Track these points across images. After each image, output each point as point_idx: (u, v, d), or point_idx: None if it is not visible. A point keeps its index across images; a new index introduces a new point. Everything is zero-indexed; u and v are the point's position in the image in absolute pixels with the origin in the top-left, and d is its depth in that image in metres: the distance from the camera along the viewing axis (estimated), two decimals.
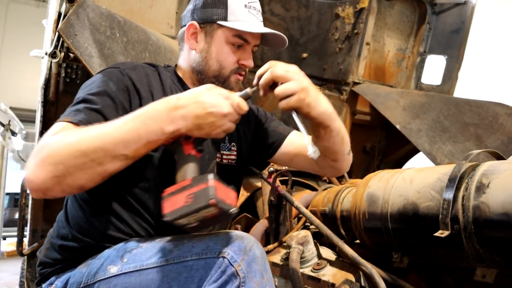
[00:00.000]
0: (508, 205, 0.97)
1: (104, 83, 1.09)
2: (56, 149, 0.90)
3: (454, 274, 1.29)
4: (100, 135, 0.92)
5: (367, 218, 1.36)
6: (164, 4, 2.27)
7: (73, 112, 1.01)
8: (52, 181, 0.90)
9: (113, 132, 0.92)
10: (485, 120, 2.55)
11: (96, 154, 0.91)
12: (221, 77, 1.23)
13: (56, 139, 0.93)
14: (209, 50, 1.22)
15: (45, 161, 0.90)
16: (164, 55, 1.86)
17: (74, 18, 1.46)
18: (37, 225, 2.31)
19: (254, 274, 0.92)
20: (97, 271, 1.02)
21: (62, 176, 0.90)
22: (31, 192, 0.93)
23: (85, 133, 0.93)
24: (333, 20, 2.83)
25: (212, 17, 1.21)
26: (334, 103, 2.89)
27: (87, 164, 0.91)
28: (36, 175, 0.90)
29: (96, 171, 0.92)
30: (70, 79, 1.97)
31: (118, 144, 0.92)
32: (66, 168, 0.90)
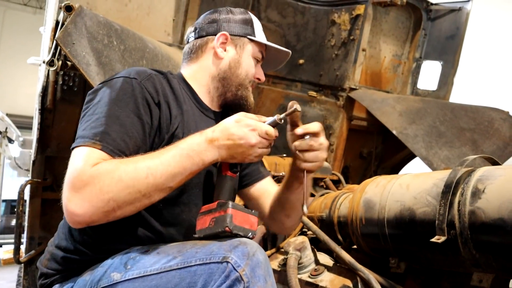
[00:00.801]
0: (503, 210, 0.98)
1: (128, 97, 1.09)
2: (107, 186, 0.93)
3: (451, 279, 1.29)
4: (150, 171, 0.97)
5: (364, 223, 1.37)
6: (161, 12, 2.28)
7: (101, 134, 1.00)
8: (101, 215, 0.94)
9: (162, 168, 0.98)
10: (480, 125, 2.57)
11: (147, 190, 0.97)
12: (244, 85, 1.32)
13: (103, 173, 0.94)
14: (240, 60, 1.31)
15: (96, 197, 0.92)
16: (161, 63, 1.87)
17: (71, 27, 1.47)
18: (34, 232, 2.30)
19: (258, 279, 0.92)
20: (101, 278, 1.03)
21: (112, 211, 0.94)
22: (72, 223, 0.95)
23: (134, 168, 0.96)
24: (329, 27, 2.85)
25: (243, 31, 1.32)
26: (331, 109, 2.93)
27: (138, 199, 0.96)
28: (84, 210, 0.92)
29: (143, 203, 0.98)
30: (68, 87, 1.97)
31: (167, 179, 0.99)
32: (117, 204, 0.94)
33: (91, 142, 0.98)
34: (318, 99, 2.94)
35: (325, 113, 2.95)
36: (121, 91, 1.08)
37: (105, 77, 1.54)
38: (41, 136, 2.11)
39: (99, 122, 1.02)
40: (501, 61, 4.49)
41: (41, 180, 2.27)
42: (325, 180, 2.35)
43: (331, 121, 2.95)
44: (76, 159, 0.97)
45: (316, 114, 2.96)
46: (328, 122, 2.95)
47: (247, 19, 1.34)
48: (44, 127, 2.10)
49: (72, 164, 0.97)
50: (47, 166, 2.29)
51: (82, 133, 1.01)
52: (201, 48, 1.32)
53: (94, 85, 1.48)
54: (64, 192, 0.94)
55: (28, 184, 2.24)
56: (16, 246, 2.31)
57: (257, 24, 1.36)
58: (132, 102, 1.08)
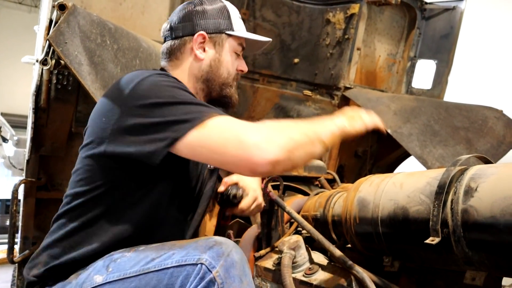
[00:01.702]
0: (495, 208, 0.98)
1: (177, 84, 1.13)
2: (281, 128, 1.03)
3: (444, 277, 1.30)
4: (308, 124, 1.08)
5: (358, 222, 1.37)
6: (155, 10, 2.27)
7: (208, 108, 1.06)
8: (285, 154, 0.98)
9: (313, 124, 1.09)
10: (475, 123, 2.58)
11: (312, 135, 1.05)
12: (227, 84, 1.32)
13: (271, 122, 1.04)
14: (220, 59, 1.30)
15: (278, 136, 1.00)
16: (155, 62, 1.87)
17: (64, 26, 1.46)
18: (28, 232, 2.29)
19: (233, 280, 0.94)
20: (84, 281, 1.05)
21: (292, 149, 1.00)
22: (258, 167, 0.98)
23: (291, 121, 1.08)
24: (324, 26, 2.85)
25: (220, 27, 1.29)
26: (326, 108, 2.93)
27: (307, 142, 1.04)
28: (273, 149, 0.97)
29: (310, 150, 1.05)
30: (62, 86, 1.96)
31: (320, 130, 1.08)
32: (295, 143, 1.00)
33: (206, 117, 1.02)
34: (313, 98, 2.95)
35: (320, 112, 2.95)
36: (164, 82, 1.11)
37: (97, 77, 1.54)
38: (35, 135, 2.10)
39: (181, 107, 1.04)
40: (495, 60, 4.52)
41: (35, 179, 2.26)
42: (320, 179, 2.35)
43: None
44: (222, 126, 1.01)
45: (311, 113, 2.96)
46: None
47: (222, 10, 1.30)
48: (38, 126, 2.09)
49: (225, 130, 1.01)
50: (41, 166, 2.28)
51: (182, 119, 1.02)
52: (180, 50, 1.30)
53: (86, 85, 1.48)
54: (245, 149, 0.97)
55: (22, 184, 2.23)
56: (10, 246, 2.30)
57: (233, 12, 1.32)
58: (182, 86, 1.14)
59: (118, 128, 1.06)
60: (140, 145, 1.04)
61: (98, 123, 1.12)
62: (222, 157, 1.00)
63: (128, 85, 1.09)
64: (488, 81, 4.57)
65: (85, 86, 1.49)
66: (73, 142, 2.29)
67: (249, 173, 1.02)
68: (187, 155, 1.04)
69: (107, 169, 1.12)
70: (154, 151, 1.02)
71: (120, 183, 1.13)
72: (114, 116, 1.07)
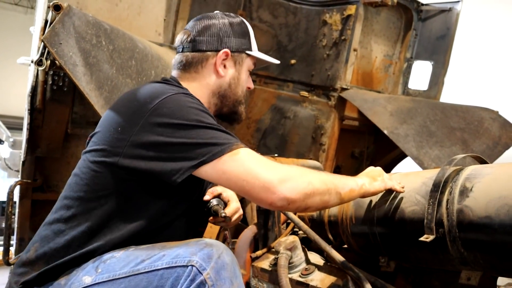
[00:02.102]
0: (490, 208, 0.99)
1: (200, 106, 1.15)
2: (303, 173, 1.09)
3: (440, 277, 1.30)
4: (329, 175, 1.16)
5: (354, 223, 1.37)
6: (152, 11, 2.27)
7: (233, 137, 1.10)
8: (302, 196, 1.05)
9: (334, 176, 1.17)
10: (470, 124, 2.59)
11: (331, 186, 1.11)
12: (240, 101, 1.37)
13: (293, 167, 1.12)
14: (239, 77, 1.34)
15: (300, 181, 1.06)
16: (151, 63, 1.86)
17: (59, 27, 1.45)
18: (24, 233, 2.28)
19: (224, 282, 0.94)
20: (73, 282, 1.04)
21: (309, 194, 1.06)
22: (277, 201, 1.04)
23: (317, 171, 1.15)
24: (321, 27, 2.86)
25: (242, 46, 1.33)
26: (323, 109, 2.94)
27: (324, 191, 1.10)
28: (293, 192, 1.04)
29: (325, 199, 1.11)
30: (57, 87, 1.95)
31: (340, 183, 1.15)
32: (313, 189, 1.07)
33: (234, 145, 1.06)
34: (309, 99, 2.95)
35: (316, 113, 2.96)
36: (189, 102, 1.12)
37: (92, 78, 1.53)
38: (30, 137, 2.09)
39: (208, 131, 1.07)
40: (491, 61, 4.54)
41: (31, 181, 2.25)
42: None
43: (323, 121, 2.95)
44: (251, 158, 1.06)
45: (308, 114, 2.96)
46: (319, 122, 2.95)
47: (244, 31, 1.34)
48: (34, 128, 2.08)
49: (254, 162, 1.06)
50: (37, 167, 2.27)
51: (211, 143, 1.05)
52: (201, 64, 1.30)
53: (81, 86, 1.47)
54: (269, 183, 1.03)
55: (17, 185, 2.22)
56: (6, 248, 2.29)
57: (251, 31, 1.37)
58: (204, 108, 1.15)
59: (137, 142, 1.06)
60: (161, 162, 1.05)
61: (113, 132, 1.10)
62: (246, 188, 1.04)
63: (151, 100, 1.09)
64: (484, 82, 4.59)
65: (80, 87, 1.49)
66: (69, 143, 2.28)
67: (266, 206, 1.09)
68: (212, 178, 1.07)
69: (118, 179, 1.10)
70: (179, 169, 1.04)
71: (128, 195, 1.12)
72: (132, 128, 1.07)
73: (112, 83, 1.61)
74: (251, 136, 2.94)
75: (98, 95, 1.54)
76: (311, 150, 2.99)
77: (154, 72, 1.85)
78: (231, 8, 2.56)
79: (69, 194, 1.15)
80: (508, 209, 0.94)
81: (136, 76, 1.75)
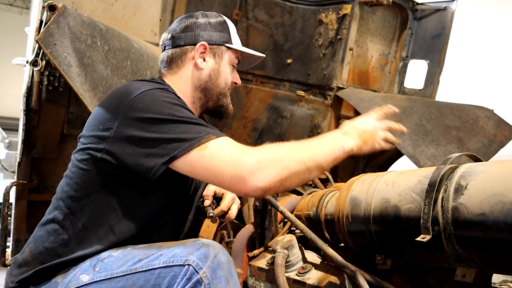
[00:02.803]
0: (485, 205, 0.99)
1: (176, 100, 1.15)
2: (279, 157, 1.05)
3: (436, 275, 1.31)
4: (309, 148, 1.10)
5: (350, 221, 1.38)
6: (147, 11, 2.27)
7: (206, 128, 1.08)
8: (277, 183, 1.03)
9: (316, 147, 1.11)
10: (466, 123, 2.60)
11: (309, 163, 1.07)
12: (224, 94, 1.36)
13: (272, 149, 1.07)
14: (219, 69, 1.34)
15: (274, 167, 1.03)
16: (146, 63, 1.86)
17: (54, 27, 1.45)
18: (21, 235, 2.28)
19: (220, 280, 0.96)
20: (70, 281, 1.05)
21: (284, 178, 1.04)
22: (254, 193, 1.04)
23: (295, 146, 1.10)
24: (317, 26, 2.86)
25: (220, 39, 1.34)
26: (319, 108, 2.94)
27: (302, 171, 1.07)
28: (266, 179, 1.02)
29: (304, 177, 1.09)
30: (53, 87, 1.95)
31: (321, 156, 1.10)
32: (289, 173, 1.04)
33: (204, 138, 1.05)
34: (306, 98, 2.96)
35: (313, 112, 2.96)
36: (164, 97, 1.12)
37: (86, 79, 1.54)
38: (26, 137, 2.09)
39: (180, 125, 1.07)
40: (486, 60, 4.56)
41: (27, 181, 2.24)
42: (313, 179, 2.36)
43: (319, 120, 2.96)
44: (220, 150, 1.04)
45: (304, 113, 2.97)
46: (316, 121, 2.96)
47: (223, 24, 1.36)
48: (30, 128, 2.07)
49: (222, 154, 1.04)
50: (33, 168, 2.26)
51: (180, 138, 1.04)
52: (180, 58, 1.32)
53: (75, 86, 1.48)
54: (240, 174, 1.01)
55: (13, 186, 2.22)
56: (2, 249, 2.29)
57: (232, 27, 1.38)
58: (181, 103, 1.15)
59: (117, 137, 1.09)
60: (138, 158, 1.07)
61: (96, 130, 1.14)
62: (218, 179, 1.04)
63: (128, 96, 1.11)
64: (479, 81, 4.61)
65: (74, 88, 1.48)
66: (65, 143, 2.27)
67: (241, 195, 1.11)
68: (185, 172, 1.08)
69: (104, 175, 1.13)
70: (153, 166, 1.05)
71: (115, 190, 1.14)
72: (112, 125, 1.10)
73: (107, 84, 1.61)
74: (247, 136, 2.94)
75: (93, 95, 1.54)
76: None
77: (149, 72, 1.85)
78: (227, 7, 2.56)
79: (61, 195, 1.17)
80: (502, 206, 0.95)
81: (131, 76, 1.75)
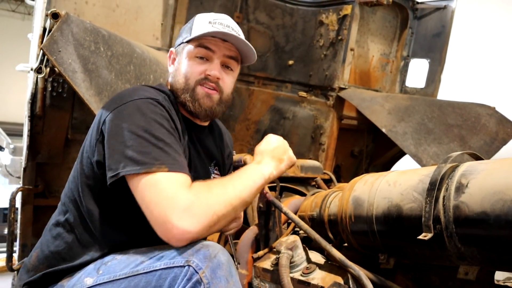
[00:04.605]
0: (486, 203, 1.00)
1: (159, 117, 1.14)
2: (210, 203, 1.04)
3: (439, 273, 1.32)
4: (234, 187, 1.10)
5: (353, 221, 1.39)
6: (149, 16, 2.29)
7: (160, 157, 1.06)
8: (206, 229, 1.03)
9: (241, 183, 1.12)
10: (468, 121, 2.61)
11: (236, 203, 1.09)
12: (187, 89, 1.31)
13: (203, 193, 1.05)
14: (178, 67, 1.34)
15: (204, 214, 1.02)
16: (149, 67, 1.88)
17: (58, 34, 1.47)
18: (27, 239, 2.30)
19: (219, 280, 0.97)
20: (75, 284, 1.08)
21: (214, 224, 1.04)
22: (181, 241, 1.00)
23: (223, 186, 1.09)
24: (318, 27, 2.88)
25: (181, 41, 1.35)
26: (321, 109, 2.95)
27: (230, 212, 1.08)
28: (195, 226, 1.00)
29: (231, 217, 1.10)
30: (57, 93, 1.97)
31: (246, 192, 1.12)
32: (218, 217, 1.04)
33: (156, 167, 1.04)
34: (308, 99, 2.97)
35: (315, 113, 2.97)
36: (149, 111, 1.12)
37: (91, 84, 1.56)
38: (31, 143, 2.11)
39: (145, 145, 1.06)
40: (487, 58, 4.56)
41: (32, 187, 2.26)
42: (317, 180, 2.37)
43: (322, 120, 2.97)
44: (160, 185, 1.02)
45: (307, 114, 2.98)
46: (318, 122, 2.97)
47: (189, 24, 1.36)
48: (34, 134, 2.09)
49: (160, 190, 1.02)
50: (38, 173, 2.29)
51: (136, 158, 1.04)
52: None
53: (80, 92, 1.50)
54: (168, 216, 0.99)
55: (19, 191, 2.24)
56: (9, 254, 2.31)
57: (199, 19, 1.33)
58: (165, 121, 1.14)
59: (100, 141, 1.13)
60: (105, 163, 1.10)
61: (91, 133, 1.19)
62: (149, 214, 1.03)
63: (120, 101, 1.14)
64: (480, 79, 4.60)
65: (80, 94, 1.51)
66: (70, 148, 2.30)
67: (164, 239, 1.02)
68: (131, 190, 1.08)
69: (99, 179, 1.15)
70: (108, 176, 1.08)
71: (114, 194, 1.15)
72: (100, 128, 1.14)
73: (112, 88, 1.63)
74: (250, 138, 2.95)
75: (98, 100, 1.56)
76: (311, 150, 3.00)
77: (152, 77, 1.86)
78: (228, 10, 2.58)
79: (64, 199, 1.22)
80: (503, 204, 0.95)
81: (135, 81, 1.76)
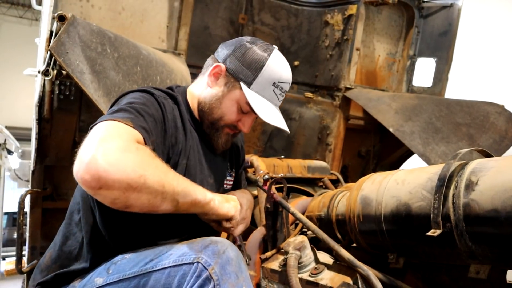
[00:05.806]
0: (496, 200, 0.99)
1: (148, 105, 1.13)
2: (147, 164, 0.94)
3: (449, 272, 1.31)
4: (176, 177, 1.02)
5: (361, 220, 1.38)
6: (154, 18, 2.30)
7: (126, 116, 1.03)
8: (122, 185, 0.89)
9: (183, 181, 1.04)
10: (476, 119, 2.58)
11: (167, 191, 0.98)
12: (215, 126, 1.30)
13: (147, 154, 0.96)
14: (222, 100, 1.28)
15: (132, 165, 0.91)
16: (155, 69, 1.89)
17: (65, 37, 1.48)
18: (36, 242, 2.31)
19: (229, 276, 0.96)
20: (86, 284, 1.09)
21: (134, 188, 0.91)
22: (91, 180, 0.88)
23: (166, 169, 1.01)
24: (323, 28, 2.87)
25: (239, 75, 1.25)
26: (328, 109, 2.94)
27: (157, 193, 0.96)
28: (115, 169, 0.88)
29: (154, 203, 0.97)
30: (64, 96, 1.99)
31: (182, 192, 1.02)
32: (144, 185, 0.92)
33: (123, 119, 1.01)
34: (314, 100, 2.96)
35: (322, 114, 2.96)
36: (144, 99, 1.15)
37: (99, 85, 1.57)
38: (39, 146, 2.12)
39: (128, 110, 1.07)
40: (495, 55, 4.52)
41: (41, 189, 2.28)
42: (324, 180, 2.36)
43: (328, 121, 2.96)
44: (114, 129, 0.97)
45: (313, 115, 2.97)
46: (325, 122, 2.96)
47: (257, 62, 1.24)
48: (42, 137, 2.11)
49: (112, 130, 0.96)
50: (47, 176, 2.30)
51: (112, 114, 1.05)
52: (207, 68, 1.35)
53: (89, 93, 1.51)
54: (96, 146, 0.90)
55: (28, 194, 2.25)
56: (18, 257, 2.32)
57: (268, 72, 1.25)
58: (152, 108, 1.13)
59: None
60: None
61: None
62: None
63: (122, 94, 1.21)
64: (488, 77, 4.57)
65: (88, 94, 1.52)
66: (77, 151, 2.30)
67: (76, 179, 0.93)
68: None
69: None
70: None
71: None
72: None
73: (119, 89, 1.64)
74: (257, 139, 2.95)
75: (107, 101, 1.57)
76: (318, 150, 2.99)
77: (159, 78, 1.87)
78: (233, 12, 2.58)
79: (76, 199, 1.21)
80: None
81: (142, 82, 1.77)
